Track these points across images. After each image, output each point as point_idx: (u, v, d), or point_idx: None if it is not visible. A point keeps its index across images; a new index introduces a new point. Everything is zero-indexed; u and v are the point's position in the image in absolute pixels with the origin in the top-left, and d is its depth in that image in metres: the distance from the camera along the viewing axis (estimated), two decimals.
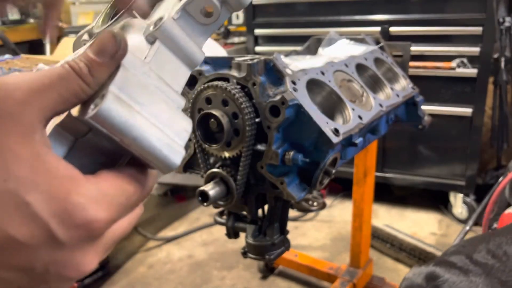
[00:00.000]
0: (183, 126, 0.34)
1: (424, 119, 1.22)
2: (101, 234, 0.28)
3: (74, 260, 0.27)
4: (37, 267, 0.26)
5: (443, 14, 2.03)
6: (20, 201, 0.24)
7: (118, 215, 0.29)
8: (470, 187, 2.18)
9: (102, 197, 0.28)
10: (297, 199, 0.76)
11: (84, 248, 0.27)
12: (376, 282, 1.65)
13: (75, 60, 0.29)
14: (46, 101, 0.27)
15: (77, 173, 0.27)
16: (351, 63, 1.01)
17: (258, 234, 0.88)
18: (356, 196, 1.51)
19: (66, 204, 0.25)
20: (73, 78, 0.28)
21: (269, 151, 0.75)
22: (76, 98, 0.29)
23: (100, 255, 0.29)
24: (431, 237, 2.12)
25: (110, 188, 0.29)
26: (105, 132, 0.29)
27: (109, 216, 0.28)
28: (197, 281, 1.86)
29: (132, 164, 0.32)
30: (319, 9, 2.28)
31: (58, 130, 0.31)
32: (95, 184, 0.28)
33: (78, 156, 0.31)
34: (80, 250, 0.27)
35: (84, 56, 0.29)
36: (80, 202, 0.26)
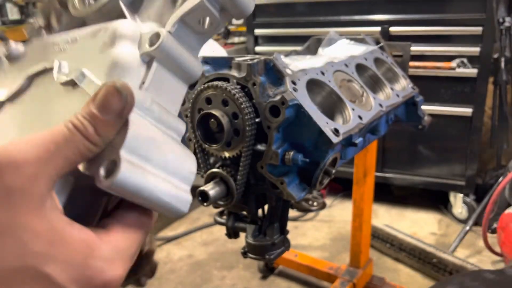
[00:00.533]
0: (189, 168, 0.35)
1: (424, 119, 1.22)
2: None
3: None
4: None
5: (443, 14, 2.03)
6: (39, 274, 0.24)
7: (130, 264, 0.29)
8: (470, 187, 2.18)
9: (117, 255, 0.28)
10: (297, 199, 0.76)
11: None
12: (376, 282, 1.65)
13: (79, 119, 0.28)
14: (54, 169, 0.26)
15: (91, 235, 0.27)
16: (351, 63, 1.01)
17: (258, 234, 0.88)
18: (356, 196, 1.51)
19: (85, 270, 0.26)
20: (79, 139, 0.27)
21: (269, 151, 0.75)
22: (83, 158, 0.28)
23: None
24: (431, 237, 2.13)
25: (122, 242, 0.29)
26: (115, 194, 0.29)
27: (124, 271, 0.28)
28: (197, 281, 1.86)
29: (135, 207, 0.32)
30: (319, 9, 2.28)
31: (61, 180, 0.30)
32: (108, 243, 0.28)
33: (80, 199, 0.31)
34: None
35: (88, 113, 0.28)
36: (98, 266, 0.26)
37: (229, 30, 3.07)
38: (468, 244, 2.03)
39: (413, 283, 1.79)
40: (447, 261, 1.72)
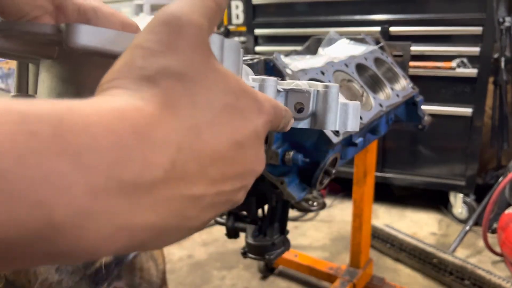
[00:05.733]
0: None
1: (424, 119, 1.22)
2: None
3: (261, 153, 0.28)
4: (247, 170, 0.27)
5: (443, 14, 2.03)
6: (236, 109, 0.25)
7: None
8: (470, 187, 2.18)
9: (275, 103, 0.30)
10: (297, 199, 0.76)
11: (264, 140, 0.29)
12: (376, 282, 1.65)
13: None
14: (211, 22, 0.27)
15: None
16: (351, 63, 1.01)
17: (258, 234, 0.88)
18: (356, 196, 1.51)
19: (257, 100, 0.27)
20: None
21: (269, 151, 0.75)
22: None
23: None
24: (431, 237, 2.13)
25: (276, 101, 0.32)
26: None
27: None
28: (197, 281, 1.86)
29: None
30: (319, 9, 2.28)
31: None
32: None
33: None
34: (263, 142, 0.29)
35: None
36: (262, 98, 0.28)
37: (229, 30, 3.07)
38: (468, 244, 2.03)
39: (413, 283, 1.79)
40: (447, 261, 1.72)
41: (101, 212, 0.19)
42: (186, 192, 0.22)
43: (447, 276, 1.72)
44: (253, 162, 0.27)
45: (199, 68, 0.25)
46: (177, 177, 0.22)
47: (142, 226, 0.21)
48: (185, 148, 0.22)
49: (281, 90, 0.37)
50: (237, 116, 0.25)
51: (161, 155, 0.21)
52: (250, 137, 0.26)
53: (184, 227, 0.24)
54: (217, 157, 0.24)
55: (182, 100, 0.23)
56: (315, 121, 0.37)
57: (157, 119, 0.22)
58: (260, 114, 0.27)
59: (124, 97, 0.23)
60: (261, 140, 0.28)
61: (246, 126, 0.26)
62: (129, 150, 0.20)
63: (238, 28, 3.05)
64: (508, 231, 1.75)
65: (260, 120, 0.27)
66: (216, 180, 0.24)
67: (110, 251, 0.20)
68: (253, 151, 0.27)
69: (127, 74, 0.24)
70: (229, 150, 0.25)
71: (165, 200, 0.21)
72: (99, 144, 0.19)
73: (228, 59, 0.30)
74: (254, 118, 0.27)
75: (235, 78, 0.26)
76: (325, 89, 0.36)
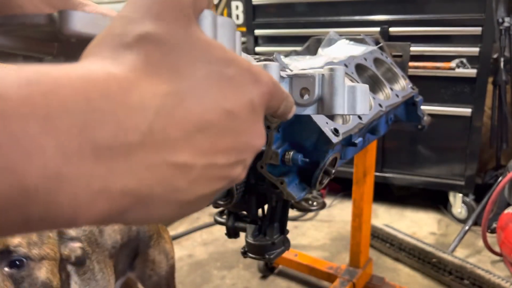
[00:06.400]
0: None
1: (424, 119, 1.22)
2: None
3: (260, 127, 0.27)
4: (242, 143, 0.25)
5: (442, 14, 2.03)
6: (225, 77, 0.24)
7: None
8: (469, 187, 2.18)
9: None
10: (297, 199, 0.76)
11: (263, 111, 0.28)
12: (375, 281, 1.65)
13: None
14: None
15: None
16: (350, 63, 1.01)
17: (258, 233, 0.88)
18: (355, 196, 1.51)
19: (252, 71, 0.26)
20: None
21: (269, 151, 0.75)
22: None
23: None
24: (430, 237, 2.13)
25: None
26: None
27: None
28: (197, 280, 1.87)
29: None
30: (319, 10, 2.28)
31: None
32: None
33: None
34: (261, 117, 0.27)
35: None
36: (259, 70, 0.27)
37: None
38: (467, 244, 2.03)
39: (413, 283, 1.79)
40: (447, 261, 1.72)
41: (76, 176, 0.18)
42: (169, 159, 0.21)
43: (447, 275, 1.73)
44: (250, 135, 0.26)
45: (180, 36, 0.24)
46: (158, 142, 0.21)
47: (121, 191, 0.20)
48: (164, 113, 0.21)
49: (284, 76, 0.35)
50: (225, 84, 0.24)
51: (137, 119, 0.20)
52: (243, 107, 0.25)
53: (173, 198, 0.22)
54: (204, 125, 0.23)
55: (162, 66, 0.23)
56: (322, 106, 0.35)
57: (132, 84, 0.21)
58: (255, 85, 0.26)
59: (99, 63, 0.22)
60: (258, 112, 0.26)
61: (238, 95, 0.25)
62: (101, 113, 0.19)
63: (238, 29, 3.06)
64: (507, 231, 1.75)
65: (255, 91, 0.26)
66: (205, 150, 0.23)
67: (89, 217, 0.19)
68: (249, 123, 0.25)
69: (105, 42, 0.23)
70: (218, 119, 0.23)
71: (146, 165, 0.21)
72: (70, 106, 0.18)
73: (223, 36, 0.29)
74: (248, 88, 0.25)
75: (222, 47, 0.25)
76: (331, 72, 0.35)
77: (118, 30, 0.23)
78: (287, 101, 0.31)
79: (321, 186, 0.80)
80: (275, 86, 0.28)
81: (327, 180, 0.80)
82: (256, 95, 0.26)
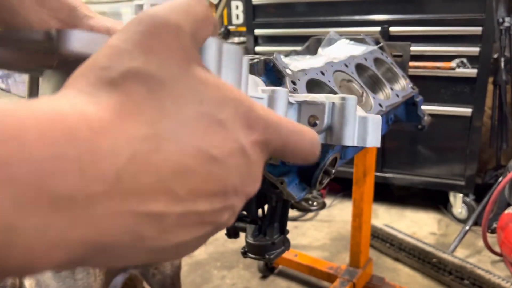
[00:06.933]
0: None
1: (424, 119, 1.22)
2: (271, 153, 0.27)
3: (254, 173, 0.25)
4: (229, 190, 0.24)
5: (443, 14, 2.03)
6: (214, 120, 0.23)
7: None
8: (469, 187, 2.18)
9: (273, 115, 0.27)
10: (297, 199, 0.76)
11: (260, 160, 0.26)
12: (375, 281, 1.65)
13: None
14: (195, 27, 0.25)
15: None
16: (351, 63, 1.01)
17: (258, 233, 0.88)
18: (355, 196, 1.51)
19: (247, 116, 0.25)
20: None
21: None
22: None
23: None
24: (430, 237, 2.13)
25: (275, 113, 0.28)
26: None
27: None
28: (197, 280, 1.87)
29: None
30: (319, 9, 2.28)
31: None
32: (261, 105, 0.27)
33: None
34: (260, 160, 0.26)
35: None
36: (260, 113, 0.25)
37: (229, 30, 3.07)
38: (467, 244, 2.03)
39: (413, 283, 1.79)
40: (447, 261, 1.72)
41: (31, 228, 0.17)
42: (137, 208, 0.20)
43: (447, 275, 1.73)
44: (241, 182, 0.24)
45: (172, 72, 0.22)
46: (126, 191, 0.20)
47: (80, 241, 0.19)
48: (138, 158, 0.20)
49: (293, 102, 0.34)
50: (213, 127, 0.23)
51: (104, 166, 0.19)
52: (232, 153, 0.23)
53: (141, 247, 0.21)
54: (182, 170, 0.21)
55: (146, 106, 0.21)
56: (331, 136, 0.34)
57: (106, 126, 0.20)
58: (248, 131, 0.24)
59: (74, 100, 0.20)
60: (252, 159, 0.25)
61: (226, 141, 0.23)
62: (65, 160, 0.18)
63: (238, 28, 3.06)
64: (507, 231, 1.75)
65: (247, 139, 0.24)
66: (182, 197, 0.22)
67: (46, 266, 0.19)
68: (239, 169, 0.24)
69: (87, 75, 0.21)
70: (199, 165, 0.22)
71: (110, 215, 0.19)
72: (31, 153, 0.17)
73: (227, 66, 0.28)
74: (239, 134, 0.24)
75: (220, 86, 0.24)
76: (342, 101, 0.33)
77: (103, 62, 0.21)
78: (298, 143, 0.28)
79: (321, 186, 0.79)
80: (273, 131, 0.26)
81: (327, 180, 0.80)
82: (246, 143, 0.24)
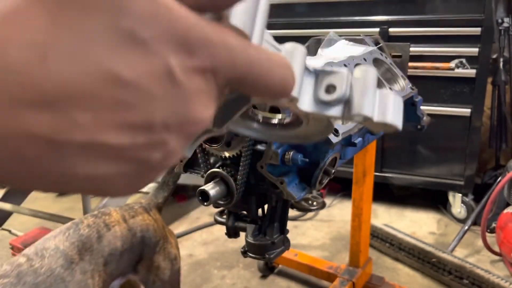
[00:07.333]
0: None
1: (423, 119, 1.22)
2: (224, 84, 0.23)
3: (194, 106, 0.21)
4: (155, 122, 0.20)
5: (442, 14, 2.04)
6: (133, 38, 0.19)
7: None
8: (468, 187, 2.18)
9: (227, 40, 0.22)
10: (297, 199, 0.77)
11: (204, 93, 0.22)
12: (375, 281, 1.66)
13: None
14: None
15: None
16: (350, 64, 1.01)
17: (258, 233, 0.89)
18: (355, 195, 1.51)
19: (188, 36, 0.20)
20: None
21: (269, 151, 0.75)
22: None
23: (215, 102, 0.23)
24: (430, 237, 2.13)
25: (232, 36, 0.23)
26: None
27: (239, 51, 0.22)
28: (197, 280, 1.87)
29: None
30: (319, 10, 2.29)
31: None
32: (214, 26, 0.22)
33: None
34: (203, 92, 0.22)
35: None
36: (204, 35, 0.21)
37: None
38: (467, 243, 2.04)
39: (412, 283, 1.79)
40: (446, 260, 1.73)
41: None
42: (14, 124, 0.18)
43: (446, 275, 1.73)
44: (171, 114, 0.21)
45: None
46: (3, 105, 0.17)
47: None
48: (17, 68, 0.17)
49: (311, 70, 0.31)
50: (131, 47, 0.19)
51: None
52: (155, 78, 0.20)
53: (33, 171, 0.19)
54: (79, 92, 0.18)
55: (46, 7, 0.18)
56: (350, 107, 0.30)
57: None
58: (183, 55, 0.20)
59: None
60: (184, 87, 0.21)
61: (148, 64, 0.19)
62: None
63: None
64: (506, 231, 1.76)
65: (179, 64, 0.20)
66: (82, 124, 0.19)
67: None
68: (168, 99, 0.20)
69: None
70: (104, 88, 0.19)
71: None
72: None
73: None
74: (168, 58, 0.20)
75: (160, 2, 0.20)
76: (363, 73, 0.31)
77: None
78: (263, 74, 0.23)
79: (321, 186, 0.80)
80: (220, 60, 0.21)
81: (327, 180, 0.81)
82: (179, 68, 0.20)
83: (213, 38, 0.21)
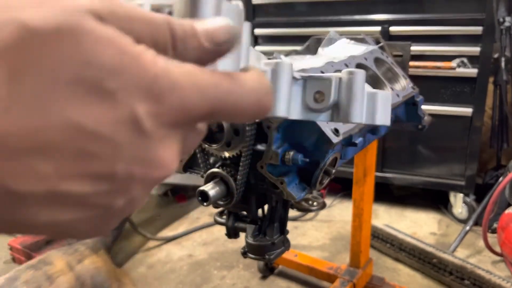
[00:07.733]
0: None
1: (424, 119, 1.22)
2: (195, 122, 0.23)
3: (159, 154, 0.22)
4: (119, 171, 0.20)
5: (443, 14, 2.03)
6: (98, 89, 0.19)
7: (214, 105, 0.23)
8: (470, 187, 2.18)
9: (196, 80, 0.22)
10: (297, 199, 0.76)
11: (170, 138, 0.22)
12: (375, 281, 1.65)
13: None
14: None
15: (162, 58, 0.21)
16: (351, 63, 1.01)
17: (258, 234, 0.88)
18: (355, 196, 1.51)
19: (154, 85, 0.20)
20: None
21: (269, 151, 0.75)
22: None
23: (181, 150, 0.23)
24: (430, 237, 2.13)
25: (203, 74, 0.23)
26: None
27: (208, 103, 0.22)
28: (197, 280, 1.86)
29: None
30: (319, 9, 2.28)
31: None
32: (184, 67, 0.22)
33: None
34: (169, 139, 0.22)
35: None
36: (171, 81, 0.21)
37: None
38: (468, 244, 2.03)
39: (413, 283, 1.79)
40: (447, 261, 1.72)
41: None
42: None
43: (447, 276, 1.72)
44: (135, 164, 0.21)
45: (56, 21, 0.18)
46: None
47: None
48: None
49: (298, 78, 0.32)
50: (96, 97, 0.19)
51: None
52: (120, 129, 0.20)
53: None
54: (42, 144, 0.18)
55: (11, 58, 0.18)
56: (338, 113, 0.31)
57: None
58: (148, 104, 0.20)
59: None
60: (150, 136, 0.21)
61: (112, 115, 0.20)
62: None
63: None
64: (508, 231, 1.75)
65: (145, 113, 0.20)
66: (45, 175, 0.19)
67: None
68: (132, 148, 0.20)
69: None
70: (68, 140, 0.19)
71: None
72: None
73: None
74: (134, 108, 0.20)
75: (120, 47, 0.20)
76: (349, 76, 0.31)
77: None
78: (237, 104, 0.24)
79: (321, 186, 0.79)
80: (188, 102, 0.21)
81: (327, 180, 0.80)
82: (145, 117, 0.20)
83: (181, 82, 0.21)
